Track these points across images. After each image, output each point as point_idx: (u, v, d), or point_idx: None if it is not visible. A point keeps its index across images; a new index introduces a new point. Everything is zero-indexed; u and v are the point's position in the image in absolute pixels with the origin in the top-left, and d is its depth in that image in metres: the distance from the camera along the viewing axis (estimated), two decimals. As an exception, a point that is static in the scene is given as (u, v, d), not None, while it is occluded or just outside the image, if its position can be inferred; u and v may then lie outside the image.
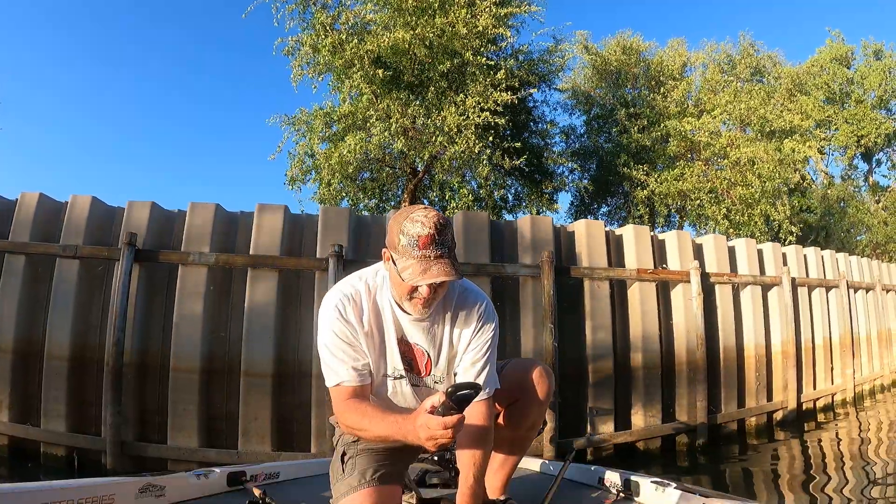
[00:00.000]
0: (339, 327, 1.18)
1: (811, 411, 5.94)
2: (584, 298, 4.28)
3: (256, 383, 3.75)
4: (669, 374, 4.75)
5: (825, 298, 6.33)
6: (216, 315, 3.90)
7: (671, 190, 7.34)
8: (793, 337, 5.61)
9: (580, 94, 8.90)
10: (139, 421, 3.88)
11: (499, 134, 5.77)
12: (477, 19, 5.32)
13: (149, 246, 4.00)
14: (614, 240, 4.71)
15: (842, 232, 10.51)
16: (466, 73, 5.44)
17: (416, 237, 1.07)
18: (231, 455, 3.70)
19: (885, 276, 7.81)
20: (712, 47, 8.91)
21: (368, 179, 6.37)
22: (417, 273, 1.07)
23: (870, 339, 7.11)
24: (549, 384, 1.35)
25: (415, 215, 1.10)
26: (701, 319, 4.74)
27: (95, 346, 3.98)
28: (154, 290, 4.03)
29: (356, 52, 5.06)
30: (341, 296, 1.20)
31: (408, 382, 1.24)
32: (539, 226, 4.27)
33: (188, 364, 3.81)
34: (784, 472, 4.20)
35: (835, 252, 6.82)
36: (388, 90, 5.35)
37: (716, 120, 7.55)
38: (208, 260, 3.85)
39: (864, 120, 11.93)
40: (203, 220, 3.98)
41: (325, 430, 3.63)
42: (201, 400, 3.80)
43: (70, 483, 1.22)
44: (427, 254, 1.07)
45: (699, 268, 4.82)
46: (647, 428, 4.44)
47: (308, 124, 5.68)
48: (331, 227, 3.91)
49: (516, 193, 6.98)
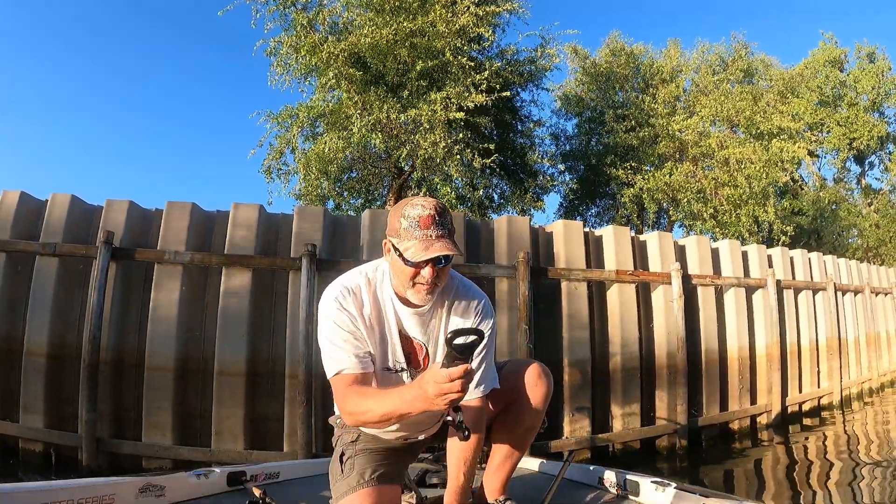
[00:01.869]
0: (340, 317, 1.17)
1: (797, 415, 5.91)
2: (562, 300, 4.26)
3: (229, 382, 3.76)
4: (649, 377, 4.73)
5: (812, 301, 6.29)
6: (191, 314, 3.91)
7: (659, 184, 7.30)
8: (777, 340, 5.58)
9: (572, 98, 8.89)
10: (115, 418, 3.90)
11: (480, 133, 5.76)
12: (457, 18, 5.32)
13: (126, 244, 4.02)
14: (594, 241, 4.70)
15: (833, 235, 10.46)
16: (448, 73, 5.45)
17: (417, 218, 1.10)
18: (204, 453, 3.72)
19: (874, 279, 7.76)
20: (705, 48, 8.91)
21: (355, 179, 6.38)
22: (420, 250, 1.08)
23: (858, 342, 7.06)
24: (548, 385, 1.35)
25: (415, 200, 1.14)
26: (682, 322, 4.71)
27: (74, 343, 4.00)
28: (131, 288, 4.04)
29: (332, 52, 5.08)
30: (341, 288, 1.20)
31: (409, 376, 1.24)
32: (516, 226, 4.26)
33: (162, 362, 3.82)
34: (767, 474, 4.19)
35: (823, 255, 6.78)
36: (366, 89, 5.36)
37: (704, 120, 7.52)
38: (183, 259, 3.86)
39: (856, 123, 11.90)
40: (179, 219, 4.00)
41: (297, 430, 3.64)
42: (175, 398, 3.81)
43: (70, 483, 1.23)
44: (428, 233, 1.09)
45: (680, 269, 4.80)
46: (625, 430, 4.42)
47: (293, 119, 5.70)
48: (305, 227, 3.91)
49: (502, 193, 6.98)
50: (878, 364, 7.45)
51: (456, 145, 5.26)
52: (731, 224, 7.43)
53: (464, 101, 5.23)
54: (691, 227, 7.72)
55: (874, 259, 11.00)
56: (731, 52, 8.79)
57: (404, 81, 5.47)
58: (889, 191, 12.55)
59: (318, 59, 5.25)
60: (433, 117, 5.15)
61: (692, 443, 4.72)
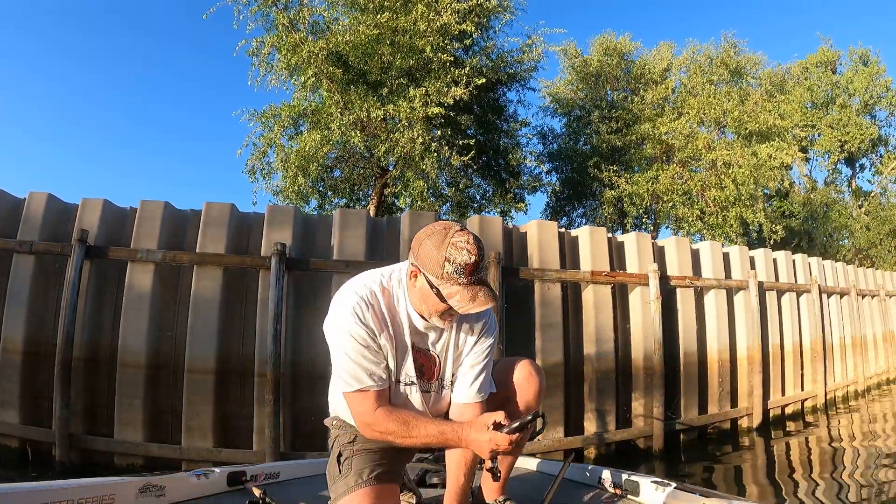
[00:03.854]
0: (358, 332, 1.16)
1: (779, 418, 5.87)
2: (534, 301, 4.25)
3: (199, 380, 3.79)
4: (625, 379, 4.72)
5: (796, 303, 6.25)
6: (163, 311, 3.94)
7: (641, 190, 7.28)
8: (759, 342, 5.54)
9: (562, 97, 8.86)
10: (89, 414, 3.93)
11: (460, 131, 5.75)
12: (439, 16, 5.32)
13: (101, 243, 4.05)
14: (569, 241, 4.68)
15: (824, 236, 10.41)
16: (429, 70, 5.45)
17: (464, 265, 1.08)
18: (175, 450, 3.75)
19: (860, 282, 7.70)
20: (694, 48, 8.86)
21: (339, 179, 6.39)
22: (467, 300, 1.09)
23: (843, 344, 7.01)
24: (540, 381, 1.35)
25: (457, 241, 1.10)
26: (659, 323, 4.69)
27: (50, 340, 4.03)
28: (105, 285, 4.07)
29: (312, 51, 5.09)
30: (357, 299, 1.18)
31: (418, 389, 1.25)
32: (488, 226, 4.25)
33: (134, 359, 3.85)
34: (746, 477, 4.17)
35: (807, 256, 6.73)
36: (347, 87, 5.37)
37: (691, 121, 7.48)
38: (155, 257, 3.89)
39: (848, 125, 11.85)
40: (152, 217, 4.03)
41: (265, 428, 3.66)
42: (147, 395, 3.83)
43: (70, 483, 1.24)
44: (473, 280, 1.10)
45: (658, 271, 4.77)
46: (599, 433, 4.41)
47: (276, 118, 5.73)
48: (276, 226, 3.93)
49: (484, 193, 6.96)
50: (865, 367, 7.41)
51: (434, 142, 5.26)
52: (718, 226, 7.39)
53: (443, 96, 5.23)
54: (678, 229, 7.69)
55: (864, 261, 10.96)
56: (720, 53, 8.74)
57: (384, 79, 5.48)
58: (880, 193, 12.52)
59: (298, 58, 5.27)
60: (411, 114, 5.15)
61: (669, 445, 4.70)
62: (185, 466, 3.74)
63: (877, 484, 3.84)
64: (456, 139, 5.68)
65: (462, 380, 1.26)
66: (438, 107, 5.24)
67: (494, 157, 6.44)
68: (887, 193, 12.58)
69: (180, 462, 3.74)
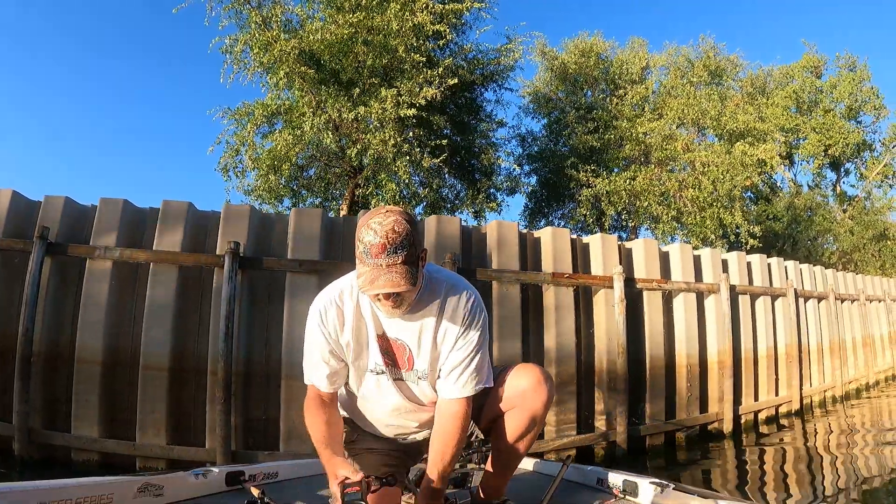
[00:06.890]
0: (319, 333, 1.26)
1: (752, 423, 5.82)
2: (492, 303, 4.24)
3: (154, 377, 3.81)
4: (588, 383, 4.69)
5: (770, 307, 6.19)
6: (120, 308, 3.97)
7: (619, 188, 7.23)
8: (730, 346, 5.49)
9: (541, 98, 8.83)
10: (48, 409, 3.96)
11: (433, 131, 5.75)
12: (414, 16, 5.32)
13: (63, 240, 4.08)
14: (532, 242, 4.66)
15: (808, 240, 10.34)
16: (402, 71, 5.44)
17: (369, 245, 1.09)
18: (128, 447, 3.78)
19: (840, 286, 7.62)
20: (673, 50, 8.80)
21: (313, 178, 6.41)
22: (368, 281, 1.10)
23: (821, 349, 6.94)
24: (549, 390, 1.34)
25: (371, 222, 1.11)
26: (623, 326, 4.65)
27: (13, 335, 4.07)
28: (66, 282, 4.10)
29: (283, 49, 5.10)
30: (326, 300, 1.27)
31: (388, 377, 1.28)
32: (445, 226, 4.25)
33: (91, 355, 3.88)
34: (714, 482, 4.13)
35: (784, 260, 6.67)
36: (318, 87, 5.38)
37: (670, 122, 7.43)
38: (113, 255, 3.92)
39: (832, 129, 11.76)
40: (111, 215, 4.06)
41: (217, 426, 3.68)
42: (103, 391, 3.86)
43: (68, 482, 1.24)
44: (379, 262, 1.09)
45: (623, 273, 4.75)
46: (559, 438, 4.39)
47: (250, 115, 5.75)
48: (231, 225, 3.94)
49: (457, 194, 6.94)
50: (843, 372, 7.33)
51: (406, 143, 5.26)
52: (695, 226, 7.34)
53: (415, 97, 5.23)
54: (655, 229, 7.65)
55: (848, 265, 10.88)
56: (699, 55, 8.69)
57: (357, 79, 5.49)
58: (864, 197, 12.44)
59: (270, 56, 5.29)
60: (383, 115, 5.15)
61: (634, 451, 4.66)
62: (138, 463, 3.78)
63: (850, 488, 3.80)
64: (429, 140, 5.68)
65: (445, 374, 1.26)
66: (411, 108, 5.24)
67: (467, 157, 6.43)
68: (872, 198, 12.57)
69: (134, 459, 3.77)
